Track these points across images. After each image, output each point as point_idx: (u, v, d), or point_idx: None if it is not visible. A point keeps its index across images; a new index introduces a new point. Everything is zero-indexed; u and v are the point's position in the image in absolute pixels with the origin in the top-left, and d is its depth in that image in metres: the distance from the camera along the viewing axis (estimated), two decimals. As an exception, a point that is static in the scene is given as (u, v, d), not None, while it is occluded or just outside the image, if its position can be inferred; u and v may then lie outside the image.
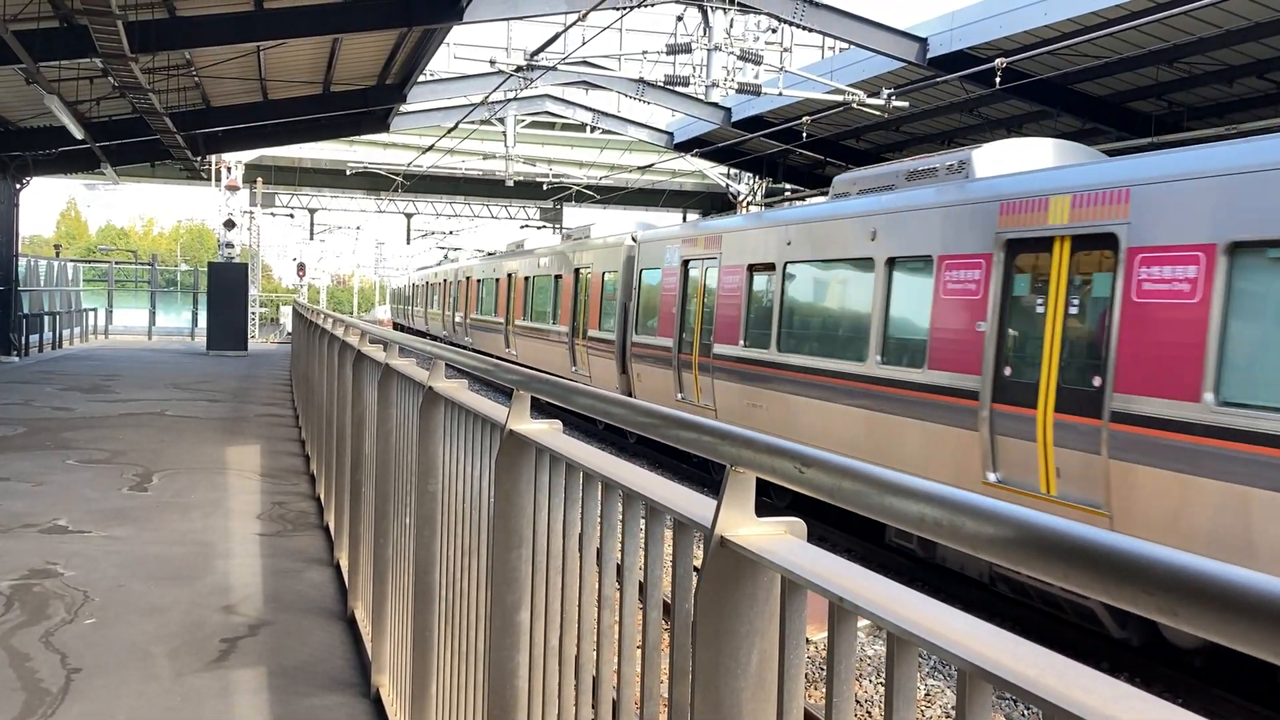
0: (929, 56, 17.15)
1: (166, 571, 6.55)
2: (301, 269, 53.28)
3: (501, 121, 29.78)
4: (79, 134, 18.74)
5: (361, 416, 5.43)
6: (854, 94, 17.98)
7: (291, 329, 21.41)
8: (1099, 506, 7.93)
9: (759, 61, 18.01)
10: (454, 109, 25.92)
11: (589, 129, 31.43)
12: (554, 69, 20.38)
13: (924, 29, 17.32)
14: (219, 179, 34.11)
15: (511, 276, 26.60)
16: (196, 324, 37.60)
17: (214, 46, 16.34)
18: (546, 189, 38.14)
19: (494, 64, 20.89)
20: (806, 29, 17.60)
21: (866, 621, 1.24)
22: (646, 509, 1.84)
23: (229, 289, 29.78)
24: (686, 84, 18.25)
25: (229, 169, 34.06)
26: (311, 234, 47.47)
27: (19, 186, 25.76)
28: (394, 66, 20.30)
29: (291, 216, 44.81)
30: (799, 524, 1.49)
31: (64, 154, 23.97)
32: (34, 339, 27.06)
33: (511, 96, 23.59)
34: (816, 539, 1.47)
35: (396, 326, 47.94)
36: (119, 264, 48.59)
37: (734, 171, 31.84)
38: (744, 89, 18.25)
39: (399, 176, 36.98)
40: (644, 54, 20.84)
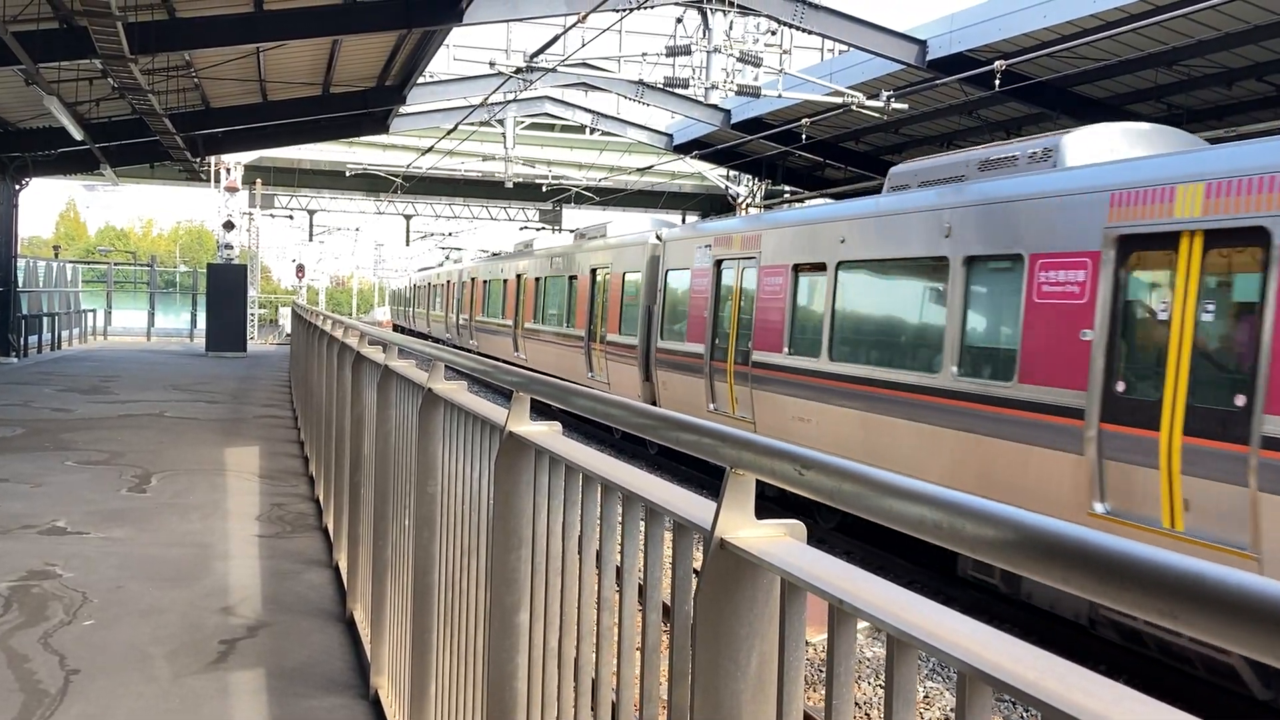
0: (928, 59, 17.17)
1: (165, 573, 6.54)
2: (300, 270, 53.26)
3: (501, 123, 29.80)
4: (78, 135, 18.75)
5: (361, 418, 5.43)
6: (853, 96, 17.99)
7: (290, 330, 21.36)
8: (1243, 547, 6.93)
9: (758, 63, 18.00)
10: (453, 110, 25.92)
11: (588, 131, 31.45)
12: (553, 71, 20.38)
13: (923, 31, 17.34)
14: (218, 180, 34.11)
15: (521, 278, 25.61)
16: (195, 325, 37.59)
17: (214, 48, 16.35)
18: (546, 190, 38.14)
19: (493, 66, 20.90)
20: (806, 31, 17.61)
21: (865, 624, 1.24)
22: (646, 511, 1.84)
23: (228, 290, 29.77)
24: (686, 86, 18.23)
25: (228, 170, 34.07)
26: (310, 235, 47.47)
27: (18, 187, 25.76)
28: (393, 68, 20.31)
29: (290, 218, 44.82)
30: (799, 526, 1.49)
31: (63, 155, 23.97)
32: (33, 340, 27.05)
33: (511, 98, 23.62)
34: (816, 541, 1.47)
35: (396, 328, 47.69)
36: (118, 265, 48.55)
37: (733, 173, 31.86)
38: (743, 91, 18.25)
39: (398, 178, 36.98)
40: (643, 56, 20.82)
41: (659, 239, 17.20)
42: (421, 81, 21.38)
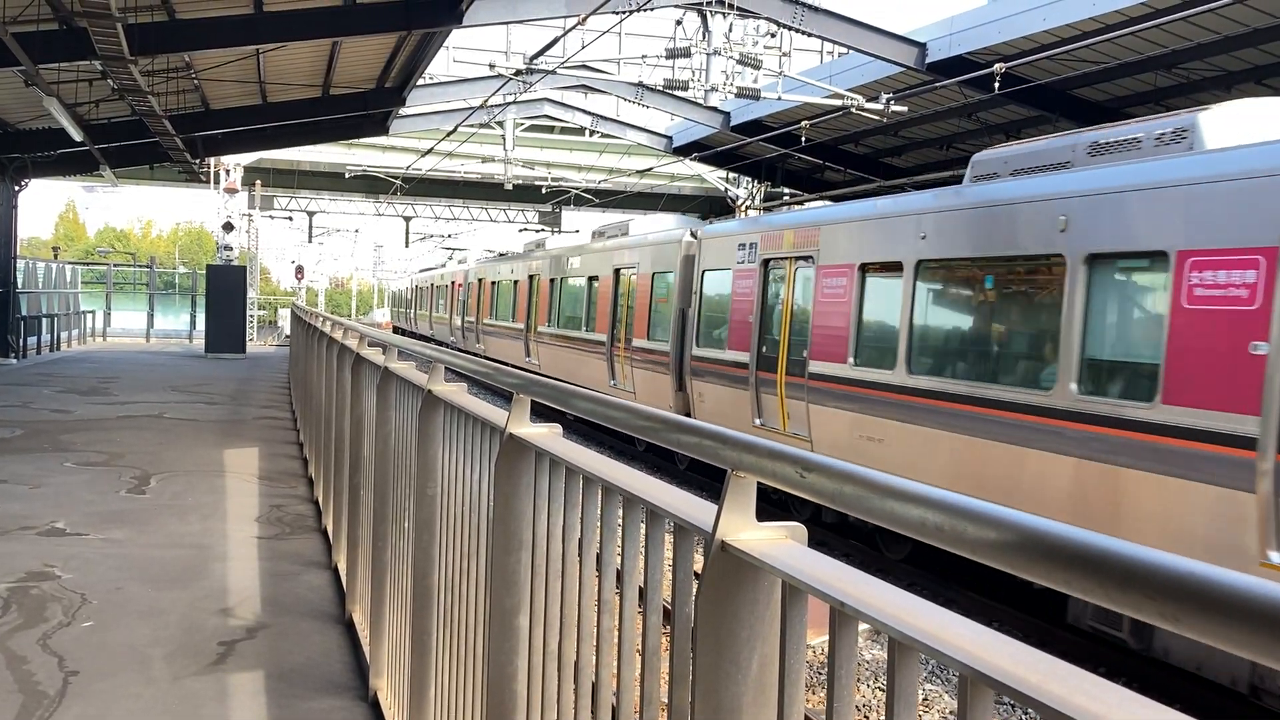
0: (928, 61, 17.18)
1: (164, 574, 6.54)
2: (300, 272, 53.25)
3: (500, 125, 29.80)
4: (78, 136, 18.74)
5: (360, 420, 5.43)
6: (853, 98, 18.00)
7: (290, 332, 21.30)
8: None
9: (758, 66, 18.01)
10: (453, 112, 25.94)
11: (588, 132, 31.47)
12: (553, 73, 20.39)
13: (923, 34, 17.35)
14: (218, 181, 34.12)
15: (534, 278, 24.26)
16: (195, 326, 37.58)
17: (213, 49, 16.36)
18: (545, 192, 38.15)
19: (493, 67, 20.91)
20: (806, 34, 17.61)
21: (866, 626, 1.24)
22: (647, 513, 1.84)
23: (227, 291, 29.78)
24: (685, 88, 18.24)
25: (228, 171, 34.07)
26: (310, 237, 47.45)
27: (17, 188, 25.76)
28: (393, 70, 20.32)
29: (290, 219, 44.81)
30: (800, 529, 1.49)
31: (63, 156, 23.97)
32: (32, 341, 27.04)
33: (510, 100, 23.61)
34: (816, 544, 1.47)
35: (396, 331, 47.50)
36: (117, 266, 48.54)
37: (733, 175, 31.89)
38: (743, 93, 18.26)
39: (398, 179, 36.99)
40: (643, 58, 20.83)
41: (694, 236, 15.94)
42: (421, 83, 21.38)
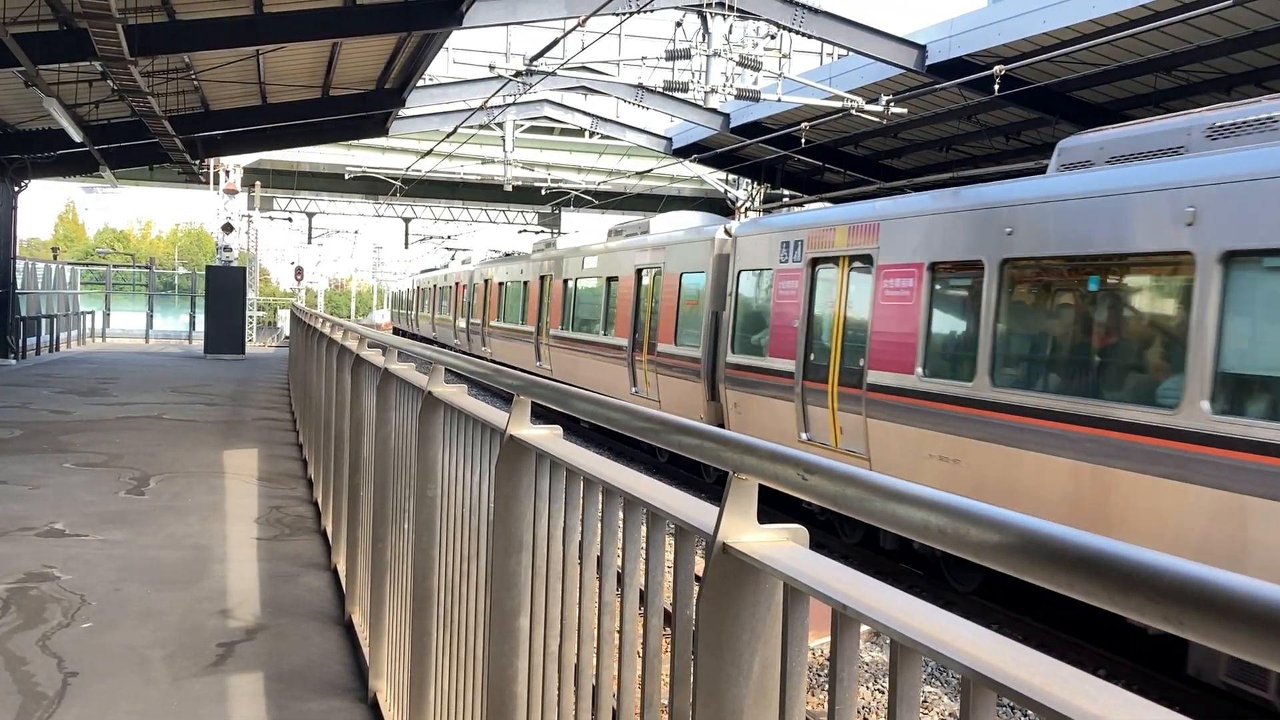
0: (928, 63, 17.19)
1: (163, 575, 6.53)
2: (299, 273, 53.25)
3: (500, 126, 29.80)
4: (77, 137, 18.75)
5: (360, 421, 5.43)
6: (853, 100, 18.01)
7: (290, 333, 21.27)
8: None
9: (758, 68, 18.01)
10: (453, 113, 25.95)
11: (588, 134, 31.49)
12: (553, 74, 20.40)
13: (923, 36, 17.36)
14: (217, 182, 34.13)
15: (546, 279, 23.22)
16: (194, 327, 37.58)
17: (213, 50, 16.36)
18: (545, 194, 38.17)
19: (493, 69, 20.93)
20: (805, 36, 17.63)
21: (866, 628, 1.24)
22: (647, 515, 1.84)
23: (227, 292, 29.78)
24: (685, 89, 18.25)
25: (227, 172, 34.09)
26: (309, 238, 47.47)
27: (17, 189, 25.76)
28: (393, 71, 20.33)
29: (289, 220, 44.83)
30: (801, 531, 1.49)
31: (62, 157, 23.98)
32: (31, 342, 27.04)
33: (510, 101, 23.63)
34: (816, 546, 1.47)
35: (397, 333, 47.31)
36: (117, 267, 48.54)
37: (732, 177, 31.89)
38: (743, 95, 18.27)
39: (397, 181, 37.00)
40: (643, 59, 20.86)
41: (728, 233, 14.82)
42: (421, 84, 21.40)
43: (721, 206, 36.06)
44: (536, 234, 43.74)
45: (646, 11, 16.53)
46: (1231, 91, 15.97)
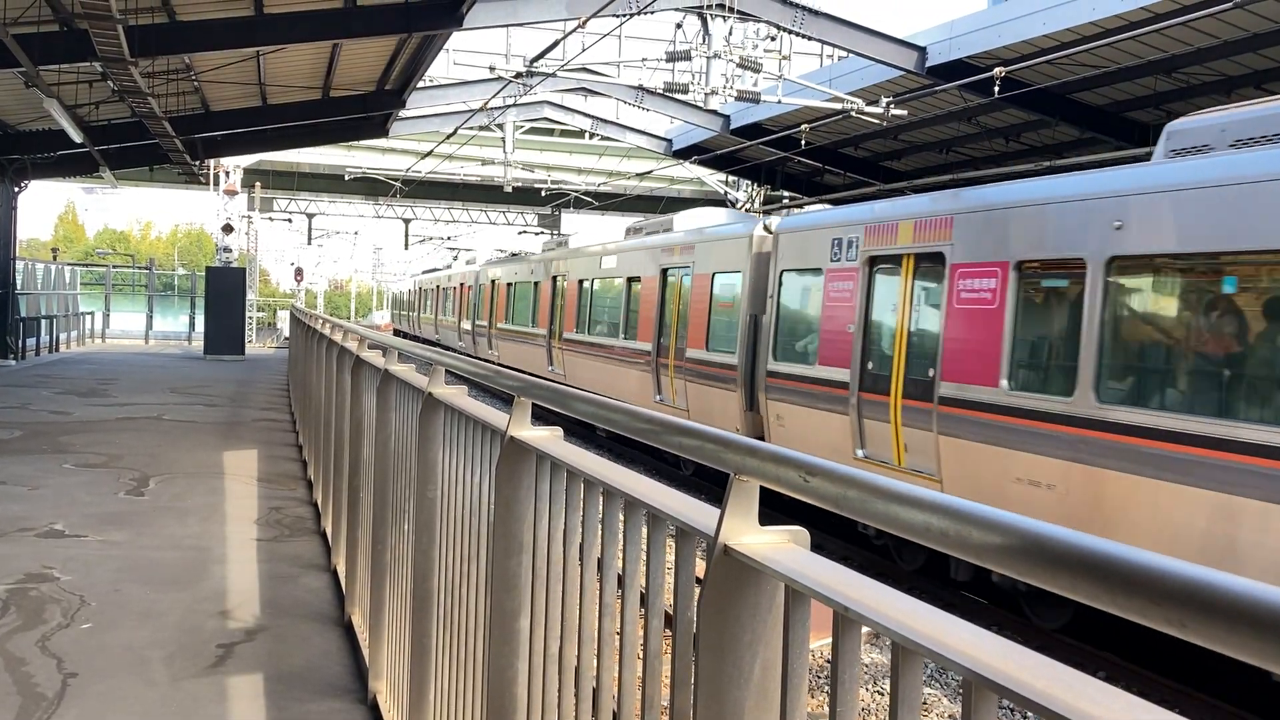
0: (928, 65, 17.20)
1: (163, 576, 6.53)
2: (299, 274, 53.26)
3: (500, 127, 29.83)
4: (78, 137, 18.75)
5: (360, 422, 5.43)
6: (853, 102, 18.02)
7: (289, 334, 21.23)
8: None
9: (758, 69, 18.02)
10: (453, 115, 25.96)
11: (588, 135, 31.49)
12: (553, 75, 20.41)
13: (923, 38, 17.37)
14: (217, 183, 34.14)
15: (558, 280, 22.37)
16: (194, 328, 37.59)
17: (214, 51, 16.37)
18: (545, 195, 38.19)
19: (493, 70, 20.95)
20: (806, 37, 17.64)
21: (866, 629, 1.24)
22: (648, 517, 1.84)
23: (226, 293, 29.78)
24: (685, 91, 18.26)
25: (227, 173, 34.10)
26: (309, 239, 47.48)
27: (17, 190, 25.76)
28: (393, 72, 20.33)
29: (289, 221, 44.85)
30: (802, 533, 1.49)
31: (62, 157, 23.98)
32: (31, 342, 27.04)
33: (510, 103, 23.64)
34: (815, 547, 1.47)
35: (397, 334, 47.14)
36: (116, 268, 48.58)
37: (732, 179, 31.93)
38: (743, 97, 18.28)
39: (397, 182, 37.01)
40: (643, 61, 20.87)
41: (768, 230, 13.75)
42: (421, 85, 21.40)
43: (722, 207, 36.07)
44: (536, 235, 43.77)
45: (647, 13, 16.54)
46: (1231, 94, 15.99)
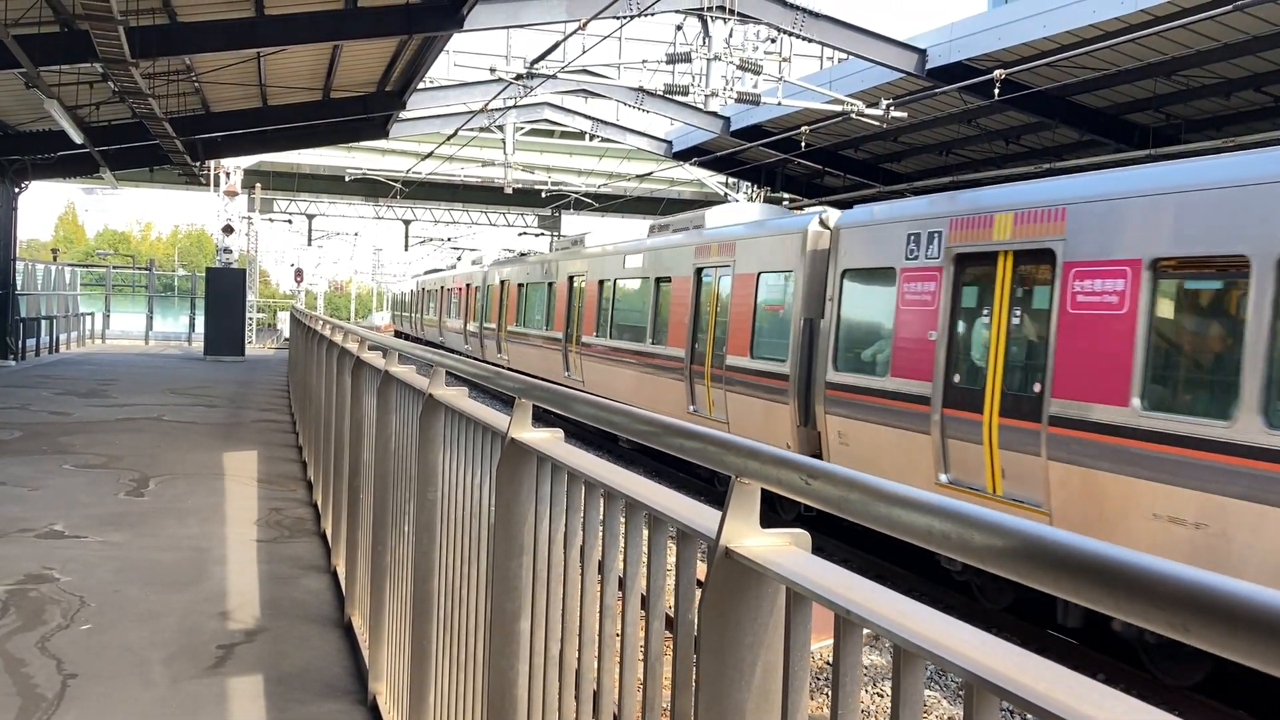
0: (928, 68, 17.20)
1: (163, 577, 6.53)
2: (299, 275, 53.25)
3: (500, 129, 29.82)
4: (78, 138, 18.75)
5: (360, 423, 5.43)
6: (853, 104, 18.02)
7: (289, 335, 21.20)
8: None
9: (758, 71, 18.03)
10: (453, 116, 25.96)
11: (588, 137, 31.49)
12: (553, 77, 20.41)
13: (923, 40, 17.38)
14: (217, 184, 34.14)
15: (575, 280, 21.24)
16: (194, 329, 37.59)
17: (214, 52, 16.36)
18: (545, 196, 38.19)
19: (494, 72, 20.96)
20: (806, 39, 17.65)
21: (866, 632, 1.24)
22: (649, 519, 1.84)
23: (226, 294, 29.79)
24: (686, 93, 18.27)
25: (227, 174, 34.09)
26: (309, 240, 47.48)
27: (18, 190, 25.76)
28: (394, 73, 20.33)
29: (289, 222, 44.84)
30: (804, 535, 1.49)
31: (63, 158, 23.98)
32: (31, 343, 27.04)
33: (511, 104, 23.63)
34: (815, 549, 1.47)
35: (398, 335, 46.95)
36: (116, 268, 48.58)
37: (732, 180, 31.92)
38: (743, 98, 18.27)
39: (397, 183, 37.01)
40: (643, 63, 20.90)
41: (825, 225, 12.42)
42: (422, 87, 21.40)
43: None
44: (536, 236, 43.76)
45: (647, 15, 16.54)
46: (1231, 96, 16.00)
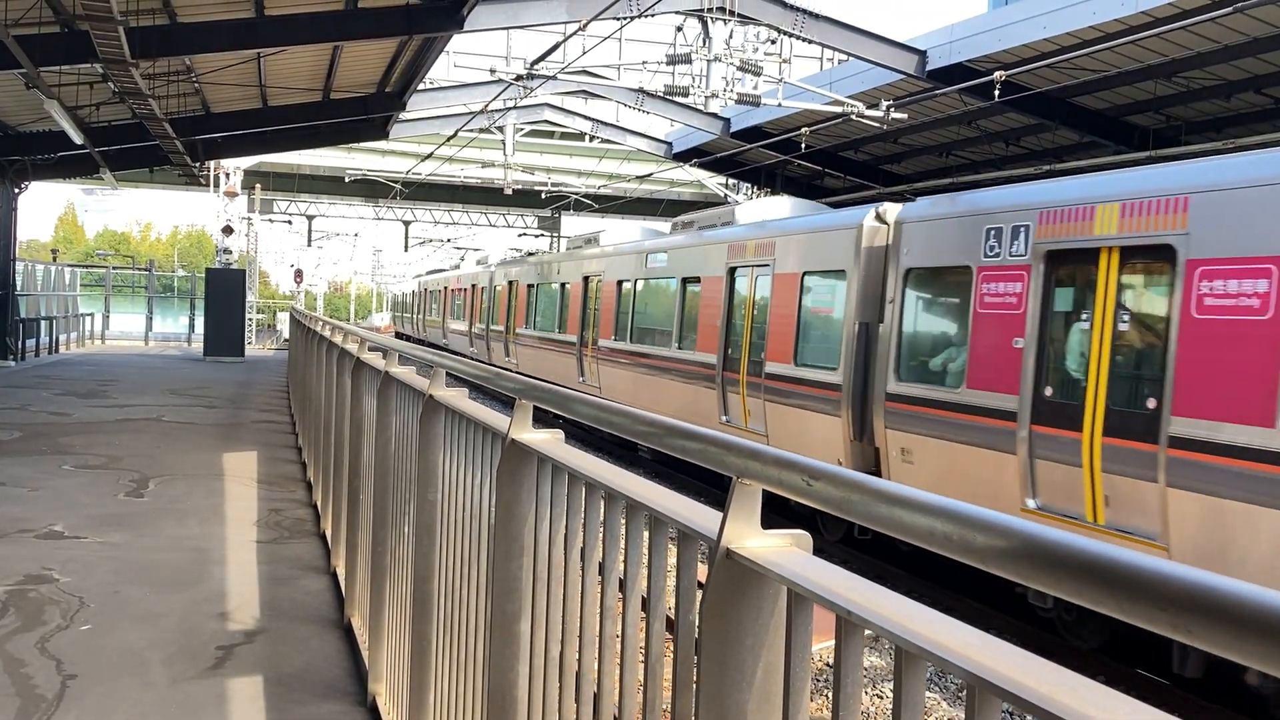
0: (928, 69, 17.21)
1: (162, 578, 6.53)
2: (299, 275, 53.23)
3: (500, 130, 29.83)
4: (78, 139, 18.75)
5: (360, 424, 5.43)
6: (853, 105, 18.02)
7: (289, 336, 21.18)
8: None
9: (758, 72, 18.03)
10: (453, 117, 25.96)
11: (588, 138, 31.50)
12: (553, 78, 20.42)
13: (923, 41, 17.38)
14: (217, 185, 34.14)
15: (591, 281, 20.09)
16: (193, 330, 37.58)
17: (214, 53, 16.37)
18: (545, 197, 38.19)
19: (494, 72, 20.97)
20: (806, 41, 17.65)
21: (868, 633, 1.24)
22: (650, 520, 1.83)
23: (226, 295, 29.78)
24: (686, 94, 18.29)
25: (227, 175, 34.10)
26: (309, 241, 47.48)
27: (17, 191, 25.76)
28: (394, 74, 20.34)
29: (289, 223, 44.85)
30: (805, 536, 1.48)
31: (63, 159, 23.98)
32: (31, 344, 27.03)
33: (511, 105, 23.64)
34: (816, 551, 1.46)
35: (399, 336, 46.86)
36: (116, 269, 48.57)
37: (732, 182, 31.91)
38: (743, 100, 18.28)
39: (397, 184, 37.00)
40: (643, 64, 20.92)
41: (882, 220, 11.28)
42: (422, 88, 21.41)
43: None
44: (536, 237, 43.75)
45: (647, 16, 16.55)
46: (1231, 98, 16.00)
